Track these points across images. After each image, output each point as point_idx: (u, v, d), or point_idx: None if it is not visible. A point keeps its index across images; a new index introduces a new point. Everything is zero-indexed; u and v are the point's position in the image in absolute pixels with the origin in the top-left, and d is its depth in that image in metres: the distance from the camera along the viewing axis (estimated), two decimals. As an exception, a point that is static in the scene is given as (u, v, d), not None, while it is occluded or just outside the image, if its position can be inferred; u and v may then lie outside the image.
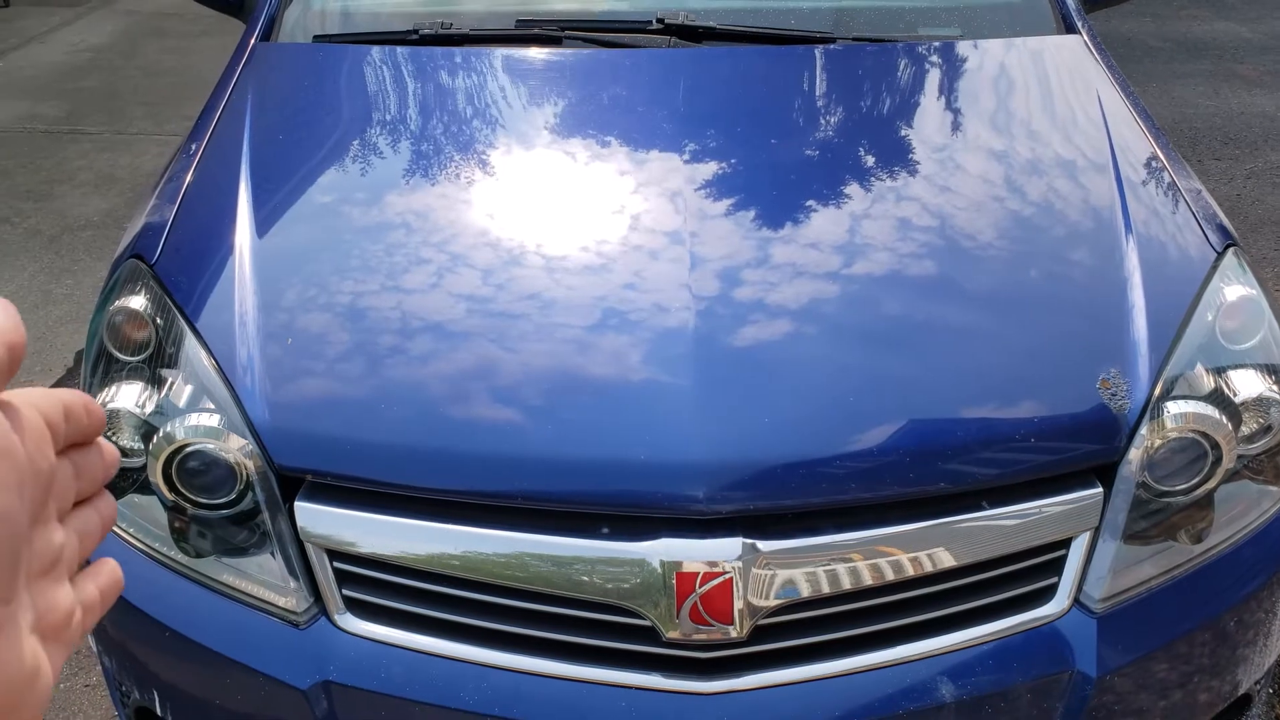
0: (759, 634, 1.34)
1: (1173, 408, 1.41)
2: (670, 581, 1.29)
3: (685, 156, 1.77)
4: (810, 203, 1.68)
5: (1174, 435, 1.40)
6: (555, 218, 1.65)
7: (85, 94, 5.60)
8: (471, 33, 2.12)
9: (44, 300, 3.61)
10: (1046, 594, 1.41)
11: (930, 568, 1.35)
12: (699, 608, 1.29)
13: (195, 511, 1.43)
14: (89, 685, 2.21)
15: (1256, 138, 4.94)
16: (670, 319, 1.44)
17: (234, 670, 1.41)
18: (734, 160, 1.79)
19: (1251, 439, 1.46)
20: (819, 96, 2.00)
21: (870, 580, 1.33)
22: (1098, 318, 1.50)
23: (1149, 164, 1.82)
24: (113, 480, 0.49)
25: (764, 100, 2.00)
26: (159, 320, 1.51)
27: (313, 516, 1.38)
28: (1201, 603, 1.46)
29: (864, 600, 1.36)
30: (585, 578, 1.31)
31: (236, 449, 1.38)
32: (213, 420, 1.40)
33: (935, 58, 2.11)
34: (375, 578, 1.39)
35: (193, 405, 1.43)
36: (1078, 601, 1.41)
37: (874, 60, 2.10)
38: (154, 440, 1.40)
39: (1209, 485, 1.43)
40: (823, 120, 1.93)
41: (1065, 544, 1.41)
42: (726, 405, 1.34)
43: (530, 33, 2.11)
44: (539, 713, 1.33)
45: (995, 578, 1.40)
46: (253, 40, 2.18)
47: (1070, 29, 2.21)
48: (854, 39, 2.12)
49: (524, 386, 1.38)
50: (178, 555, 1.45)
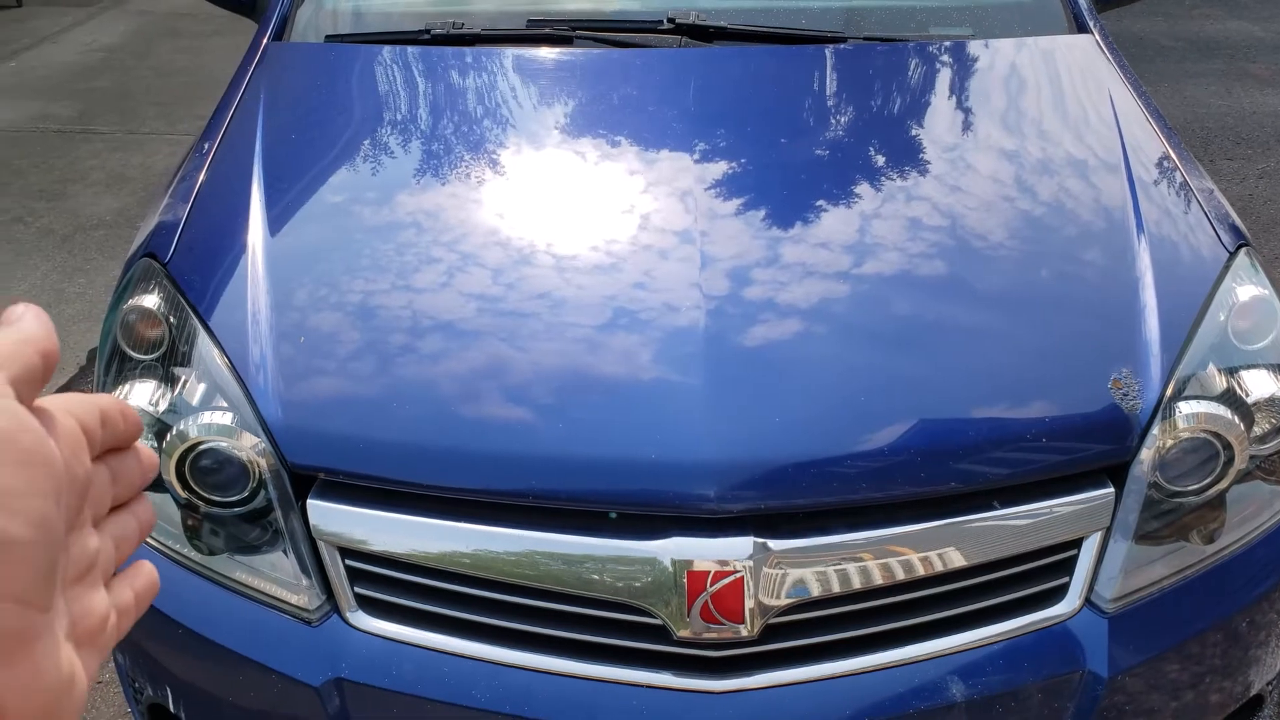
0: (770, 633, 1.34)
1: (1185, 408, 1.41)
2: (681, 580, 1.29)
3: (696, 156, 1.77)
4: (820, 202, 1.68)
5: (1186, 435, 1.40)
6: (566, 217, 1.66)
7: (97, 94, 5.63)
8: (483, 32, 2.13)
9: (57, 299, 3.63)
10: (1058, 594, 1.41)
11: (941, 567, 1.35)
12: (710, 606, 1.30)
13: (208, 509, 1.43)
14: (102, 682, 2.22)
15: (1269, 137, 4.92)
16: (681, 318, 1.44)
17: (247, 667, 1.41)
18: (744, 160, 1.79)
19: (1264, 439, 1.46)
20: (829, 96, 2.00)
21: (881, 580, 1.33)
22: (1109, 317, 1.50)
23: (1161, 164, 1.81)
24: None
25: (774, 100, 2.00)
26: (172, 319, 1.52)
27: (325, 514, 1.38)
28: (1213, 603, 1.46)
29: (875, 600, 1.36)
30: (596, 576, 1.31)
31: (249, 447, 1.39)
32: (226, 418, 1.40)
33: (946, 57, 2.11)
34: (387, 575, 1.40)
35: (206, 403, 1.44)
36: (1089, 601, 1.41)
37: (885, 60, 2.10)
38: (167, 438, 1.41)
39: (1221, 486, 1.43)
40: (833, 120, 1.93)
41: (1076, 544, 1.41)
42: (737, 404, 1.34)
43: (541, 32, 2.12)
44: (550, 710, 1.33)
45: (1006, 577, 1.39)
46: (265, 40, 2.19)
47: (1082, 28, 2.20)
48: (865, 38, 2.12)
49: (535, 385, 1.38)
50: (191, 553, 1.46)
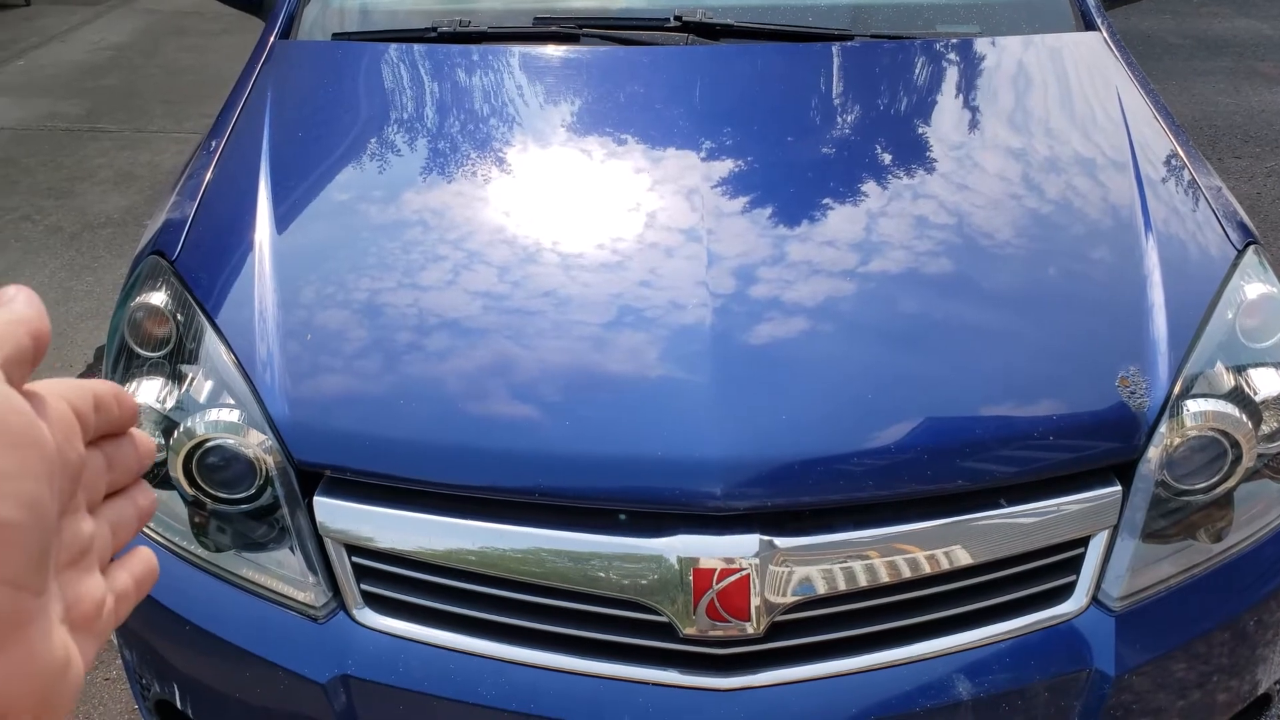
0: (776, 631, 1.34)
1: (1192, 406, 1.40)
2: (687, 578, 1.29)
3: (702, 154, 1.77)
4: (827, 200, 1.68)
5: (1193, 434, 1.40)
6: (572, 215, 1.65)
7: (105, 92, 5.64)
8: (489, 30, 2.13)
9: (64, 296, 3.64)
10: (1064, 592, 1.41)
11: (948, 565, 1.34)
12: (716, 604, 1.29)
13: (215, 506, 1.44)
14: (109, 679, 2.23)
15: (1277, 136, 4.90)
16: (687, 316, 1.44)
17: (253, 664, 1.42)
18: (751, 158, 1.79)
19: (1272, 438, 1.45)
20: (836, 94, 2.00)
21: (887, 577, 1.33)
22: (1117, 315, 1.49)
23: (1169, 161, 1.81)
24: None
25: (781, 98, 1.99)
26: (179, 316, 1.52)
27: (331, 511, 1.39)
28: (1221, 602, 1.45)
29: (881, 597, 1.36)
30: (602, 573, 1.31)
31: (256, 444, 1.39)
32: (233, 416, 1.41)
33: (954, 55, 2.11)
34: (393, 573, 1.40)
35: (213, 401, 1.44)
36: (1096, 600, 1.41)
37: (892, 58, 2.10)
38: (174, 435, 1.41)
39: (1229, 484, 1.42)
40: (840, 118, 1.93)
41: (1083, 542, 1.41)
42: (743, 402, 1.34)
43: (548, 30, 2.12)
44: (556, 708, 1.33)
45: (1013, 575, 1.39)
46: (272, 38, 2.20)
47: (1090, 26, 2.20)
48: (872, 36, 2.11)
49: (541, 383, 1.38)
50: (198, 550, 1.46)
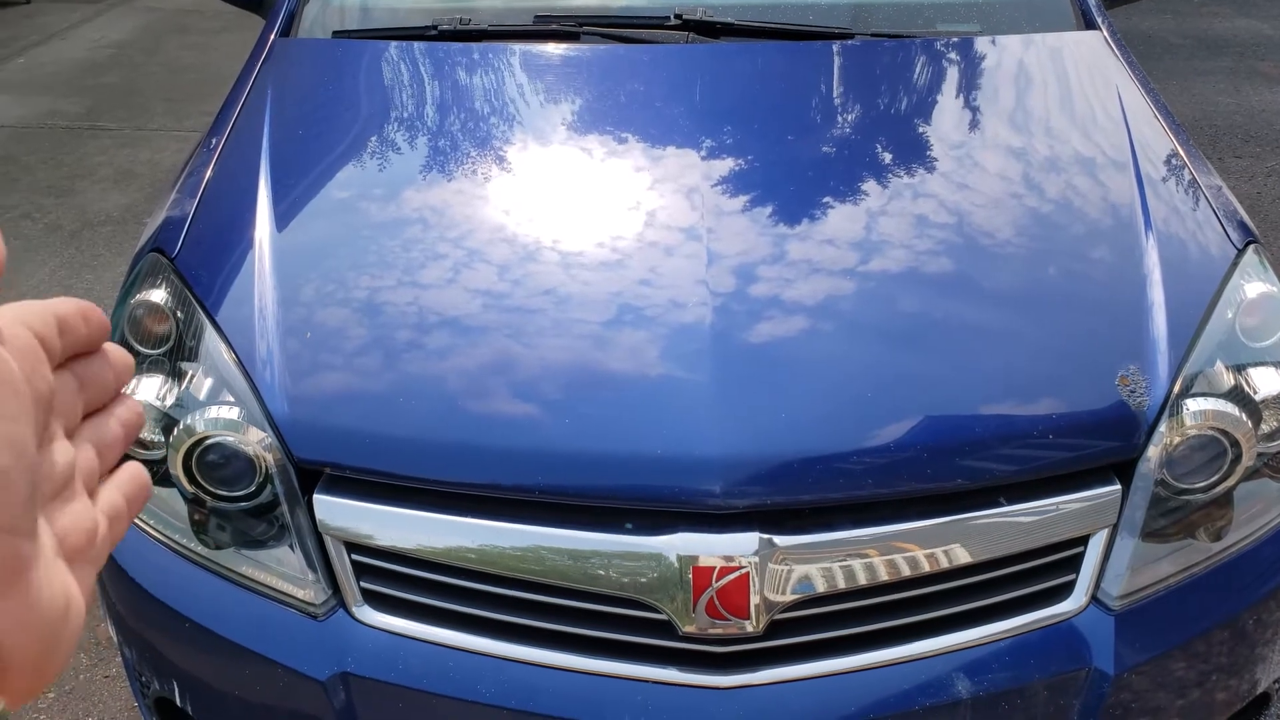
0: (775, 629, 1.34)
1: (1192, 405, 1.40)
2: (687, 576, 1.29)
3: (702, 152, 1.76)
4: (827, 199, 1.68)
5: (1193, 433, 1.40)
6: (572, 213, 1.65)
7: (106, 90, 5.64)
8: (490, 28, 2.13)
9: (64, 295, 3.64)
10: (1064, 591, 1.41)
11: (947, 564, 1.34)
12: (715, 602, 1.30)
13: (215, 504, 1.44)
14: (109, 676, 2.23)
15: (1278, 136, 4.90)
16: (687, 315, 1.44)
17: (253, 661, 1.42)
18: (751, 156, 1.79)
19: (1271, 437, 1.45)
20: (837, 93, 2.00)
21: (887, 576, 1.33)
22: (1117, 314, 1.49)
23: (1169, 161, 1.81)
24: None
25: (782, 96, 1.99)
26: (179, 314, 1.52)
27: (331, 509, 1.39)
28: (1220, 601, 1.45)
29: (880, 596, 1.36)
30: (602, 571, 1.31)
31: (256, 442, 1.39)
32: (232, 413, 1.41)
33: (954, 54, 2.11)
34: (393, 570, 1.40)
35: (213, 398, 1.44)
36: (1095, 599, 1.41)
37: (892, 56, 2.10)
38: (174, 433, 1.41)
39: (1228, 483, 1.42)
40: (840, 116, 1.93)
41: (1083, 541, 1.41)
42: (743, 400, 1.34)
43: (548, 28, 2.12)
44: (555, 706, 1.33)
45: (1012, 574, 1.39)
46: (272, 36, 2.20)
47: (1090, 25, 2.20)
48: (872, 35, 2.11)
49: (541, 381, 1.38)
50: (197, 547, 1.46)
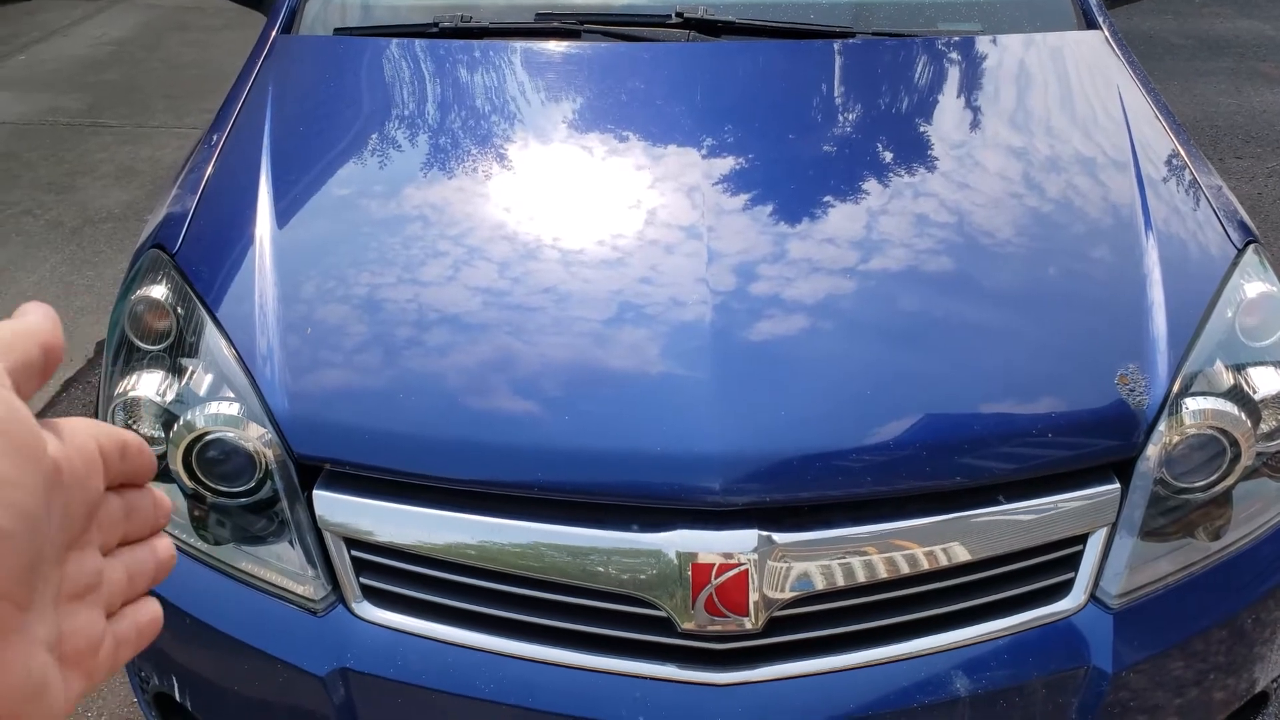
0: (774, 626, 1.34)
1: (1191, 404, 1.40)
2: (686, 573, 1.29)
3: (703, 151, 1.77)
4: (828, 198, 1.68)
5: (1192, 432, 1.40)
6: (572, 212, 1.66)
7: (107, 87, 5.64)
8: (491, 26, 2.13)
9: (65, 291, 3.64)
10: (1063, 589, 1.41)
11: (946, 562, 1.35)
12: (714, 599, 1.30)
13: (215, 499, 1.44)
14: (108, 672, 2.22)
15: (1279, 136, 4.90)
16: (687, 313, 1.44)
17: (252, 657, 1.42)
18: (752, 155, 1.79)
19: (1270, 436, 1.45)
20: (838, 92, 2.00)
21: (885, 574, 1.33)
22: (1117, 314, 1.49)
23: (1170, 160, 1.81)
24: None
25: (782, 95, 2.00)
26: (180, 309, 1.53)
27: (331, 505, 1.39)
28: (1219, 600, 1.45)
29: (879, 593, 1.36)
30: (601, 568, 1.31)
31: (256, 438, 1.40)
32: (232, 409, 1.41)
33: (955, 53, 2.11)
34: (392, 566, 1.40)
35: (213, 394, 1.44)
36: (1094, 597, 1.41)
37: (893, 55, 2.10)
38: (174, 428, 1.41)
39: (1227, 482, 1.42)
40: (841, 116, 1.93)
41: (1082, 540, 1.41)
42: (743, 398, 1.34)
43: (549, 26, 2.12)
44: (554, 702, 1.33)
45: (1011, 573, 1.39)
46: (273, 33, 2.20)
47: (1091, 24, 2.20)
48: (873, 34, 2.11)
49: (541, 378, 1.39)
50: (197, 543, 1.46)
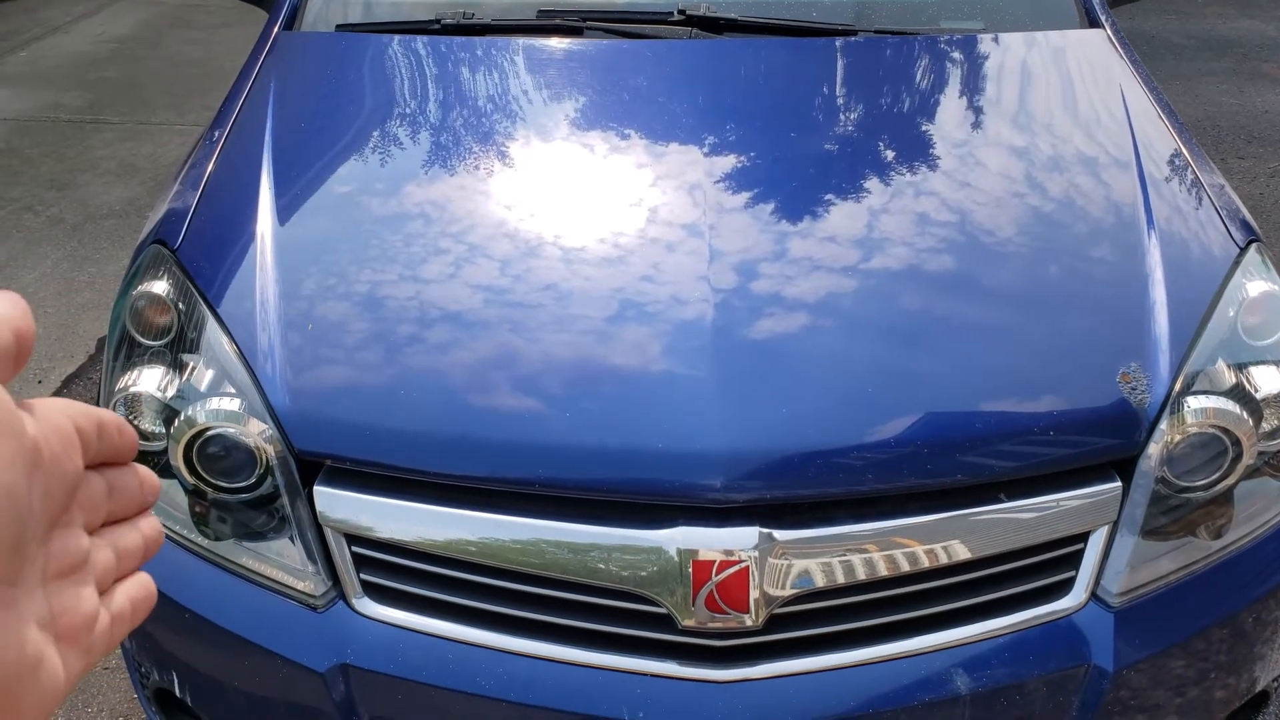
0: (774, 623, 1.34)
1: (1193, 403, 1.40)
2: (686, 570, 1.29)
3: (705, 149, 1.76)
4: (829, 197, 1.68)
5: (1194, 430, 1.40)
6: (574, 209, 1.65)
7: (108, 84, 5.64)
8: (493, 23, 2.13)
9: (66, 288, 3.64)
10: (1064, 588, 1.41)
11: (947, 560, 1.34)
12: (715, 596, 1.30)
13: (215, 495, 1.44)
14: (108, 668, 2.23)
15: (1281, 136, 4.90)
16: (688, 311, 1.44)
17: (253, 653, 1.42)
18: (753, 153, 1.78)
19: (1272, 435, 1.45)
20: (839, 90, 2.00)
21: (886, 571, 1.33)
22: (1119, 313, 1.49)
23: (1172, 159, 1.81)
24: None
25: (784, 93, 1.99)
26: (181, 305, 1.52)
27: (331, 501, 1.39)
28: (1220, 599, 1.45)
29: (880, 591, 1.36)
30: (602, 565, 1.31)
31: (257, 433, 1.39)
32: (233, 405, 1.41)
33: (957, 52, 2.11)
34: (393, 562, 1.40)
35: (214, 390, 1.44)
36: (1095, 596, 1.41)
37: (895, 53, 2.10)
38: (175, 424, 1.41)
39: (1229, 481, 1.42)
40: (843, 114, 1.93)
41: (1083, 538, 1.41)
42: (744, 395, 1.34)
43: (551, 23, 2.12)
44: (554, 698, 1.33)
45: (1012, 571, 1.39)
46: (275, 29, 2.20)
47: (1094, 23, 2.20)
48: (876, 31, 2.11)
49: (542, 375, 1.39)
50: (198, 538, 1.46)
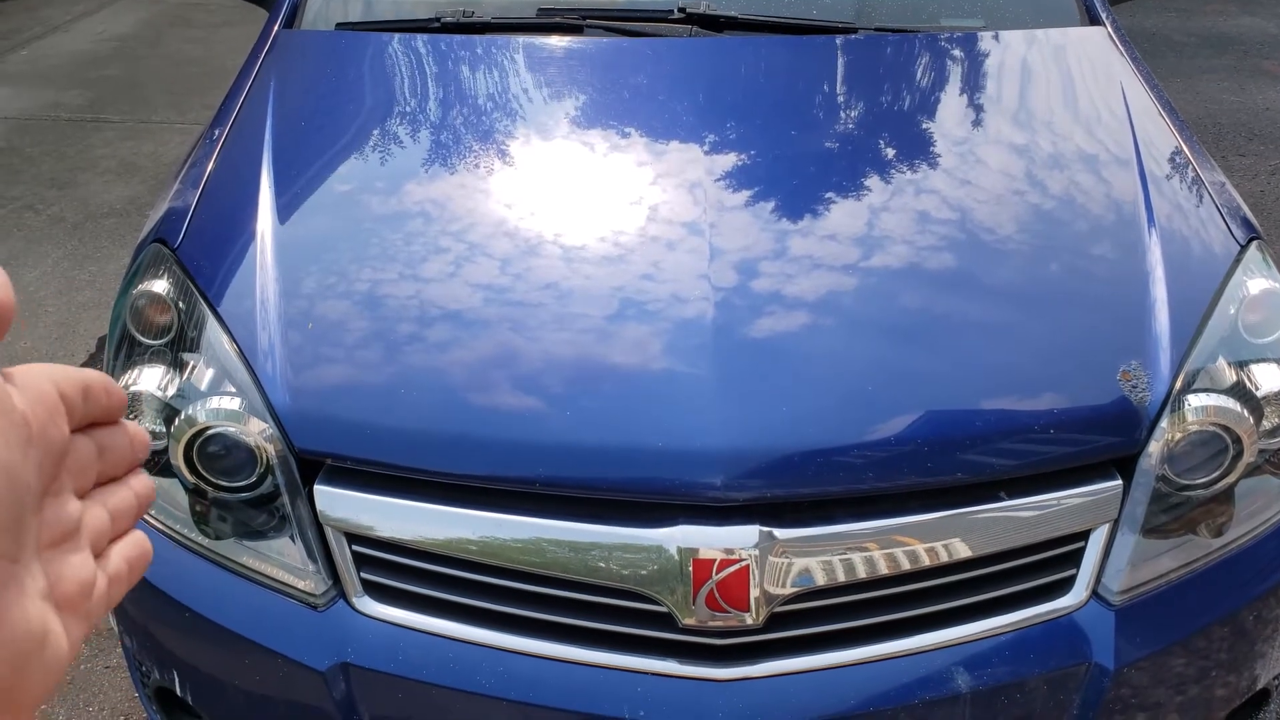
0: (775, 622, 1.34)
1: (1194, 401, 1.40)
2: (687, 568, 1.29)
3: (705, 147, 1.76)
4: (830, 195, 1.68)
5: (1195, 428, 1.40)
6: (574, 208, 1.65)
7: (109, 82, 5.64)
8: (493, 21, 2.13)
9: (67, 286, 3.64)
10: (1064, 586, 1.41)
11: (947, 558, 1.34)
12: (715, 595, 1.30)
13: (216, 494, 1.44)
14: (109, 667, 2.23)
15: (1282, 134, 4.89)
16: (689, 309, 1.44)
17: (253, 651, 1.42)
18: (754, 151, 1.78)
19: (1273, 433, 1.45)
20: (840, 88, 1.99)
21: (887, 570, 1.33)
22: (1119, 310, 1.49)
23: (1173, 157, 1.81)
24: None
25: (785, 91, 1.99)
26: (181, 304, 1.52)
27: (332, 500, 1.39)
28: (1220, 597, 1.45)
29: (881, 589, 1.36)
30: (602, 563, 1.31)
31: (257, 432, 1.39)
32: (234, 404, 1.41)
33: (958, 49, 2.10)
34: (393, 561, 1.40)
35: (214, 389, 1.44)
36: (1096, 594, 1.41)
37: (896, 51, 2.10)
38: (175, 423, 1.41)
39: (1229, 479, 1.42)
40: (843, 112, 1.93)
41: (1084, 536, 1.41)
42: (744, 394, 1.33)
43: (551, 21, 2.12)
44: (555, 697, 1.33)
45: (1013, 569, 1.39)
46: (276, 28, 2.20)
47: (1094, 21, 2.20)
48: (876, 29, 2.11)
49: (543, 374, 1.38)
50: (198, 537, 1.46)
